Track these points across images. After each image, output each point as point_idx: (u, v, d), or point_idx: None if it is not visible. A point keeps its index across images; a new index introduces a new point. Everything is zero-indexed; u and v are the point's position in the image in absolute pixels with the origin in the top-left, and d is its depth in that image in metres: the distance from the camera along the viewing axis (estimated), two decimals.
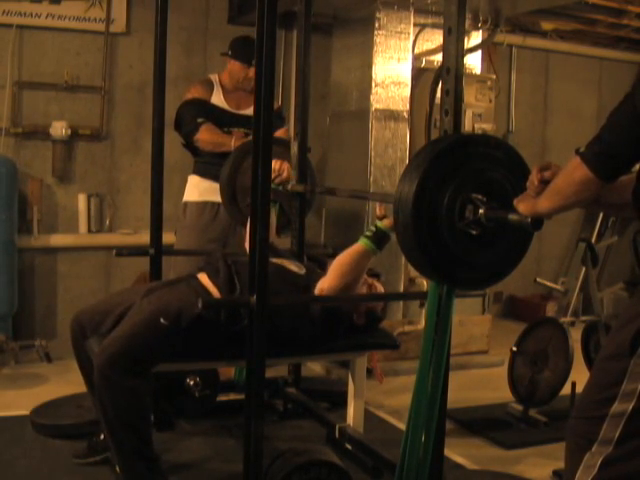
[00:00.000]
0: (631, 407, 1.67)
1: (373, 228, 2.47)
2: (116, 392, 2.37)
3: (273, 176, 3.11)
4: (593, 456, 1.70)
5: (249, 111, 3.85)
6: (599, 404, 1.71)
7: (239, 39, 3.96)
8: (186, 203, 3.92)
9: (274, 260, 2.78)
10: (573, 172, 1.70)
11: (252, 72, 3.77)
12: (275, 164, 3.14)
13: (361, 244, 2.49)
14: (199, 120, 3.77)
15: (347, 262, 2.51)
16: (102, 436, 2.78)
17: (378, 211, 2.48)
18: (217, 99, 3.91)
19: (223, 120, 3.86)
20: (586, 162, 1.66)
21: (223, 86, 3.95)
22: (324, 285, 2.56)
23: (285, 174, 3.21)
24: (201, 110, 3.82)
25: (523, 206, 1.92)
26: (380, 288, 2.80)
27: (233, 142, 3.71)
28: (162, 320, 2.42)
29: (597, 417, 1.71)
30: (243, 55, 3.85)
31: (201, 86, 3.93)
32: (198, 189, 3.86)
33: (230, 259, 2.68)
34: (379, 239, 2.46)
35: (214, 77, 3.98)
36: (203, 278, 2.68)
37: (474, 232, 2.05)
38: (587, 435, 1.72)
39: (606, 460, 1.68)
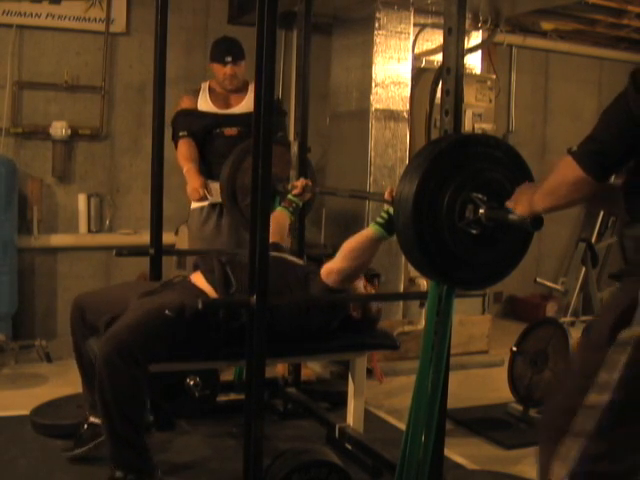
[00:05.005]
0: (607, 399, 1.63)
1: (385, 215, 2.44)
2: (118, 379, 2.38)
3: (295, 192, 3.18)
4: (567, 448, 1.66)
5: (239, 109, 3.87)
6: (574, 394, 1.68)
7: (214, 42, 3.98)
8: (191, 210, 3.94)
9: (274, 253, 2.79)
10: (566, 172, 1.70)
11: (229, 69, 3.82)
12: (299, 182, 3.20)
13: (372, 229, 2.48)
14: (180, 133, 3.84)
15: (356, 247, 2.51)
16: (86, 426, 2.80)
17: (387, 195, 2.46)
18: (203, 104, 3.91)
19: (212, 123, 3.86)
20: (579, 161, 1.66)
21: (212, 90, 3.94)
22: (333, 266, 2.56)
23: (307, 196, 3.23)
24: (186, 121, 3.85)
25: (520, 208, 1.92)
26: (371, 291, 2.80)
27: (185, 170, 3.77)
28: (167, 312, 2.44)
29: (571, 408, 1.67)
30: (216, 55, 3.88)
31: (187, 97, 3.94)
32: None
33: (224, 257, 2.70)
34: (390, 225, 2.42)
35: (205, 84, 3.99)
36: (197, 278, 2.68)
37: (474, 231, 2.05)
38: (560, 426, 1.68)
39: (581, 453, 1.64)
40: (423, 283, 4.16)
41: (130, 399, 2.42)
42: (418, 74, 4.39)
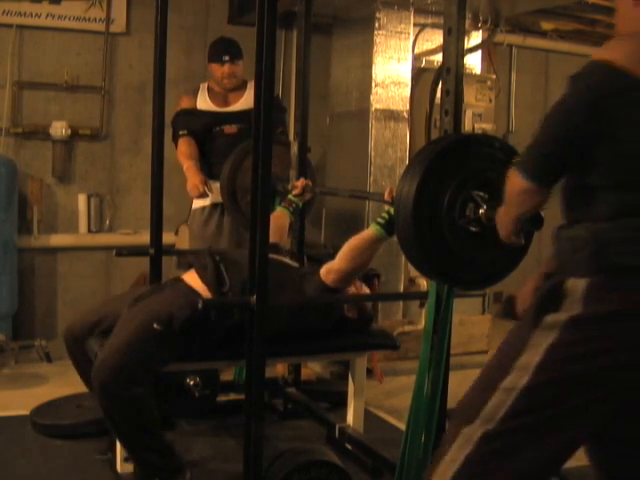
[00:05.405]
0: (524, 382, 1.59)
1: (385, 215, 2.44)
2: (121, 403, 2.36)
3: (295, 192, 3.17)
4: (473, 429, 1.62)
5: (238, 106, 3.88)
6: (492, 375, 1.66)
7: (212, 43, 4.01)
8: (193, 210, 3.94)
9: (271, 256, 2.77)
10: (512, 183, 1.69)
11: (227, 68, 3.85)
12: (299, 182, 3.19)
13: (372, 230, 2.47)
14: (180, 132, 3.86)
15: (357, 247, 2.50)
16: None
17: (387, 195, 2.46)
18: (202, 103, 3.93)
19: (211, 121, 3.88)
20: (520, 171, 1.65)
21: (210, 89, 3.97)
22: (332, 266, 2.55)
23: (307, 196, 3.23)
24: (186, 120, 3.88)
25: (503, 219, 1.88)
26: (365, 290, 2.80)
27: (185, 168, 3.79)
28: (155, 325, 2.39)
29: (487, 388, 1.64)
30: (214, 55, 3.91)
31: (187, 96, 3.97)
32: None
33: (218, 255, 2.67)
34: (391, 226, 2.40)
35: (204, 84, 4.01)
36: (190, 276, 2.66)
37: (474, 229, 2.05)
38: (472, 406, 1.65)
39: (481, 437, 1.60)
40: (423, 283, 4.16)
41: (138, 414, 2.40)
42: (418, 74, 4.39)
